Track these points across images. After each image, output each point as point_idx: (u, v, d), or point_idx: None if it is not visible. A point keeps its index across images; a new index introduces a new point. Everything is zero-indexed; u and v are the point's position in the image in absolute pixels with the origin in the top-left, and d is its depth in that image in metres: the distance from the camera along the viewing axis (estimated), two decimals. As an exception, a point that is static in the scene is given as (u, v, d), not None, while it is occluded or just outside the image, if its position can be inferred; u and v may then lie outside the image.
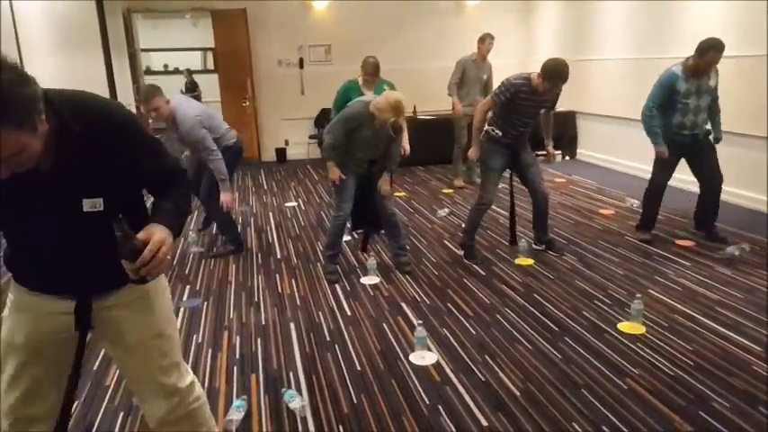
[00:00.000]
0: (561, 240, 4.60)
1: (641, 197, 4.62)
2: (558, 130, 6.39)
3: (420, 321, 3.06)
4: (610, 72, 7.30)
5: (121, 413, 2.53)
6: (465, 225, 4.42)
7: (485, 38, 6.44)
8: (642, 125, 4.24)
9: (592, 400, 2.52)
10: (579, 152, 8.22)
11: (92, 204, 1.40)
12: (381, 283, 3.94)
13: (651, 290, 3.64)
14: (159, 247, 1.34)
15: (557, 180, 6.89)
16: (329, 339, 3.18)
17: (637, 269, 4.00)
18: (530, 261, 4.22)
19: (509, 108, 3.96)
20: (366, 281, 3.97)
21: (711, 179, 4.30)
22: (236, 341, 3.19)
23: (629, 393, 2.55)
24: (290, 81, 8.72)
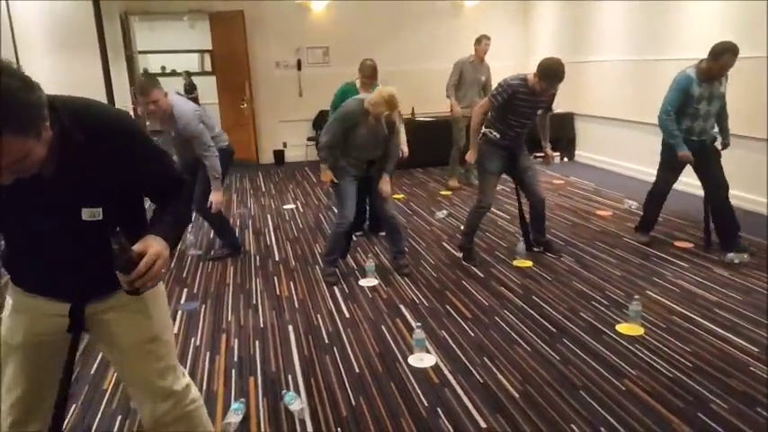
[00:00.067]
0: (559, 242, 4.61)
1: (639, 198, 4.60)
2: (556, 132, 6.41)
3: (418, 323, 3.06)
4: (608, 73, 7.30)
5: (119, 416, 2.53)
6: (464, 227, 4.42)
7: (481, 39, 6.46)
8: (661, 131, 4.12)
9: (590, 401, 2.52)
10: (577, 154, 8.24)
11: (91, 214, 1.42)
12: (380, 285, 3.93)
13: (649, 291, 3.65)
14: (155, 260, 1.36)
15: (555, 181, 6.89)
16: (328, 342, 3.17)
17: (635, 270, 4.00)
18: (528, 263, 4.22)
19: (506, 109, 3.96)
20: (364, 283, 3.97)
21: (718, 187, 4.15)
22: (234, 344, 3.18)
23: (627, 395, 2.55)
24: (287, 83, 8.72)
